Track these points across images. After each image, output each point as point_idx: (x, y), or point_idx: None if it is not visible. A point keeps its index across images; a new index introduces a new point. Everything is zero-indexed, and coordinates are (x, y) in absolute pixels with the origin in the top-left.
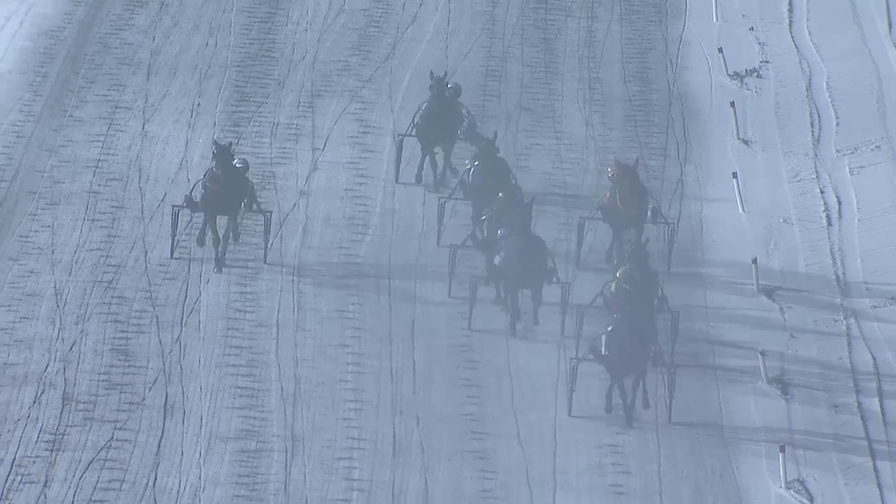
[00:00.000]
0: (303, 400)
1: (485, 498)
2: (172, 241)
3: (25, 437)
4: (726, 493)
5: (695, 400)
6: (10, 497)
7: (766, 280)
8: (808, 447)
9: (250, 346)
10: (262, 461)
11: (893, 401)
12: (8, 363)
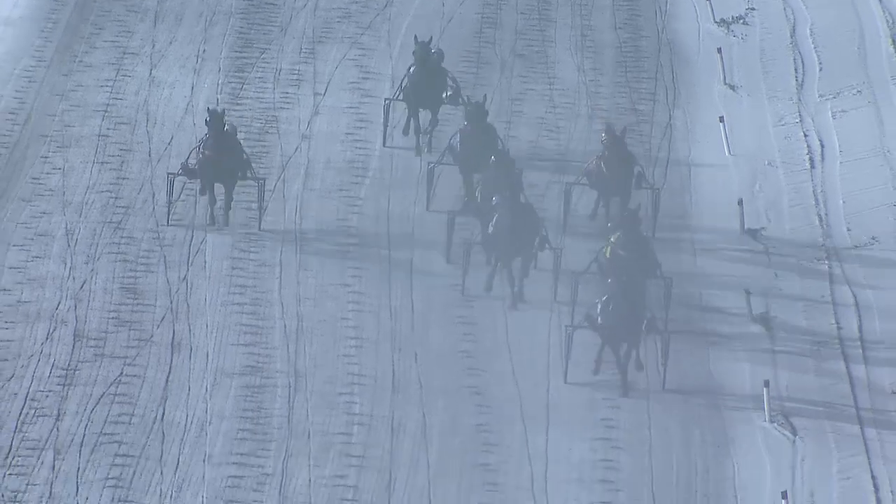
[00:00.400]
0: (305, 337)
1: (480, 432)
2: (168, 208)
3: (38, 373)
4: (712, 428)
5: (681, 335)
6: (24, 429)
7: (751, 221)
8: (792, 383)
9: (254, 286)
10: (265, 396)
11: (874, 336)
12: (21, 301)
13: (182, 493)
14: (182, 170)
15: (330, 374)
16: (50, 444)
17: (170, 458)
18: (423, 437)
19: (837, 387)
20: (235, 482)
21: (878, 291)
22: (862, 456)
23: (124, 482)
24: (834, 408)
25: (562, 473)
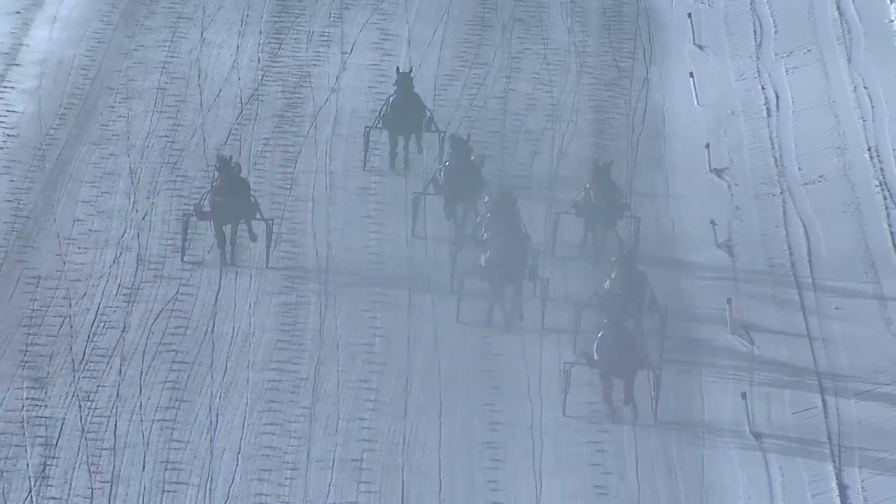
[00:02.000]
0: (334, 262)
1: (485, 343)
2: (182, 246)
3: (107, 291)
4: (677, 338)
5: (653, 250)
6: (94, 340)
7: (716, 161)
8: (752, 296)
9: (290, 217)
10: (300, 312)
11: (820, 259)
12: (92, 230)
13: (229, 395)
14: (195, 212)
15: (355, 293)
16: (117, 353)
17: (219, 364)
18: (436, 348)
19: (791, 311)
20: (274, 385)
21: (825, 222)
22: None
23: (180, 385)
24: (789, 334)
25: None
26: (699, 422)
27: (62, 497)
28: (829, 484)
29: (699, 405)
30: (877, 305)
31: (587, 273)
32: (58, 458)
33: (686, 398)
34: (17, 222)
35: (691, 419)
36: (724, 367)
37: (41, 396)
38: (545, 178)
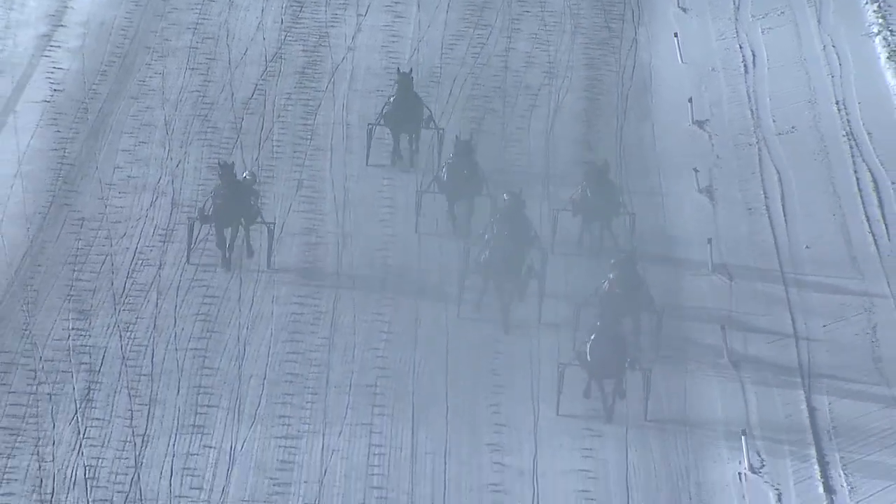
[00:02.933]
0: (350, 206)
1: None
2: (188, 248)
3: (144, 232)
4: (660, 279)
5: (640, 195)
6: (133, 276)
7: (698, 115)
8: (729, 239)
9: (311, 165)
10: (319, 251)
11: (793, 201)
12: (131, 176)
13: (256, 326)
14: (198, 216)
15: (369, 234)
16: (153, 288)
17: (246, 298)
18: (442, 284)
19: (765, 243)
20: (297, 318)
21: (797, 169)
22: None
23: (211, 317)
24: (764, 270)
25: None
26: (683, 357)
27: (105, 418)
28: (799, 406)
29: (681, 341)
30: (843, 244)
31: (586, 269)
32: (100, 382)
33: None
34: (63, 169)
35: (676, 356)
36: (706, 307)
37: (85, 327)
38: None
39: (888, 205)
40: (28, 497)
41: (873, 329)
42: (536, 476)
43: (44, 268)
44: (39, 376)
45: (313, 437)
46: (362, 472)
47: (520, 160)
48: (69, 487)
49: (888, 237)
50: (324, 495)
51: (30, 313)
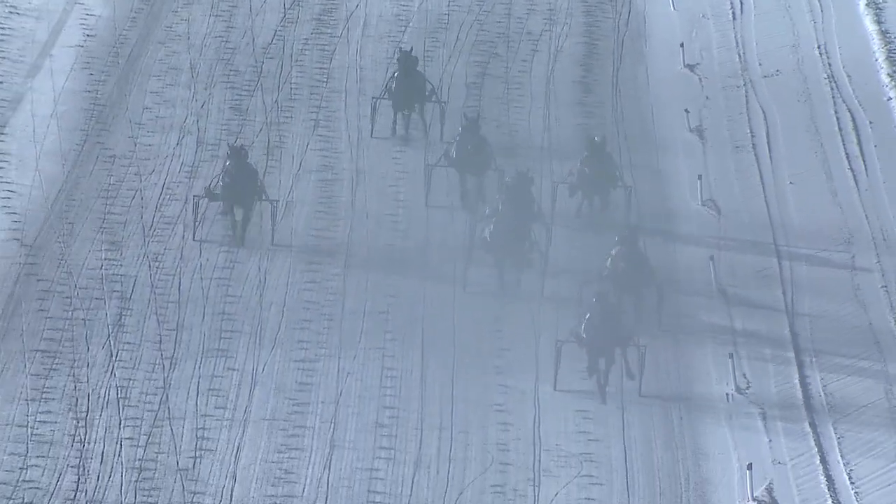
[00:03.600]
0: (364, 145)
1: None
2: (193, 225)
3: (171, 168)
4: (653, 212)
5: (634, 132)
6: (161, 210)
7: (689, 59)
8: (719, 173)
9: (327, 107)
10: (335, 187)
11: (776, 138)
12: (158, 116)
13: (275, 257)
14: (206, 193)
15: (382, 170)
16: (180, 221)
17: (265, 230)
18: (452, 216)
19: (751, 179)
20: (314, 249)
21: (781, 109)
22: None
23: (234, 248)
24: (750, 201)
25: None
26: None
27: (135, 342)
28: (783, 330)
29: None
30: (824, 175)
31: (584, 239)
32: (131, 309)
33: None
34: (95, 109)
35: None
36: (694, 236)
37: (117, 257)
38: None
39: (866, 142)
40: (65, 415)
41: (852, 258)
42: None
43: (78, 202)
44: (74, 303)
45: (329, 360)
46: (375, 392)
47: (522, 101)
48: (102, 406)
49: (866, 173)
50: (339, 414)
51: (65, 244)
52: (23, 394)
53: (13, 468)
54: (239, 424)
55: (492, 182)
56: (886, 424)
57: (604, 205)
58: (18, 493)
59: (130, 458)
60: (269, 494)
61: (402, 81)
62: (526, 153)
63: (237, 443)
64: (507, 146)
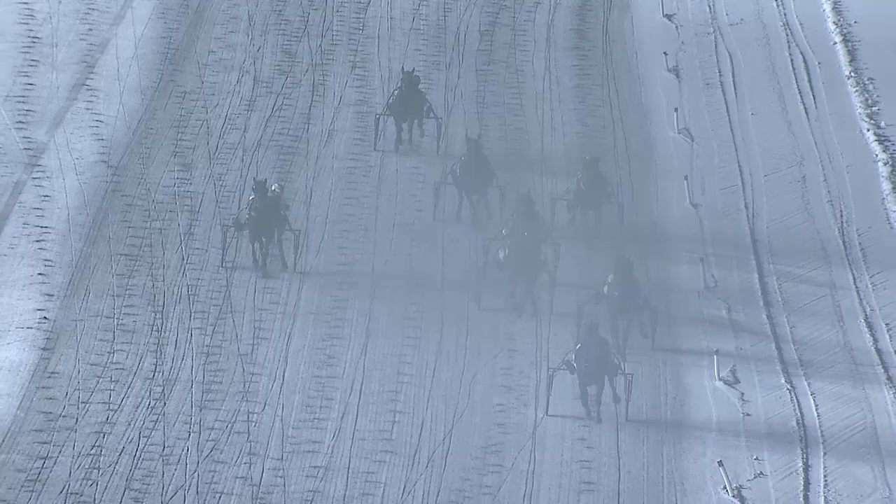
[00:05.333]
0: (394, 80)
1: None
2: (223, 253)
3: (232, 102)
4: (635, 140)
5: (620, 69)
6: (224, 137)
7: (667, 9)
8: (692, 106)
9: (363, 50)
10: (369, 119)
11: (740, 77)
12: (221, 58)
13: (319, 178)
14: (234, 224)
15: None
16: (240, 146)
17: (311, 155)
18: (465, 123)
19: (719, 111)
20: (351, 170)
21: (744, 52)
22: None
23: (285, 169)
24: (718, 129)
25: None
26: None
27: (203, 248)
28: (745, 238)
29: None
30: (780, 108)
31: (578, 249)
32: (199, 220)
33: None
34: (169, 52)
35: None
36: (671, 160)
37: (187, 177)
38: None
39: (815, 81)
40: (144, 308)
41: (803, 177)
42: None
43: (154, 130)
44: (152, 215)
45: (364, 263)
46: (403, 290)
47: (527, 46)
48: (176, 301)
49: (815, 106)
50: (373, 308)
51: (144, 166)
52: (109, 290)
53: (102, 352)
54: (290, 317)
55: (493, 198)
56: (830, 317)
57: (598, 219)
58: (107, 373)
59: (199, 344)
60: (315, 375)
61: (402, 98)
62: (530, 91)
63: (288, 332)
64: (514, 85)
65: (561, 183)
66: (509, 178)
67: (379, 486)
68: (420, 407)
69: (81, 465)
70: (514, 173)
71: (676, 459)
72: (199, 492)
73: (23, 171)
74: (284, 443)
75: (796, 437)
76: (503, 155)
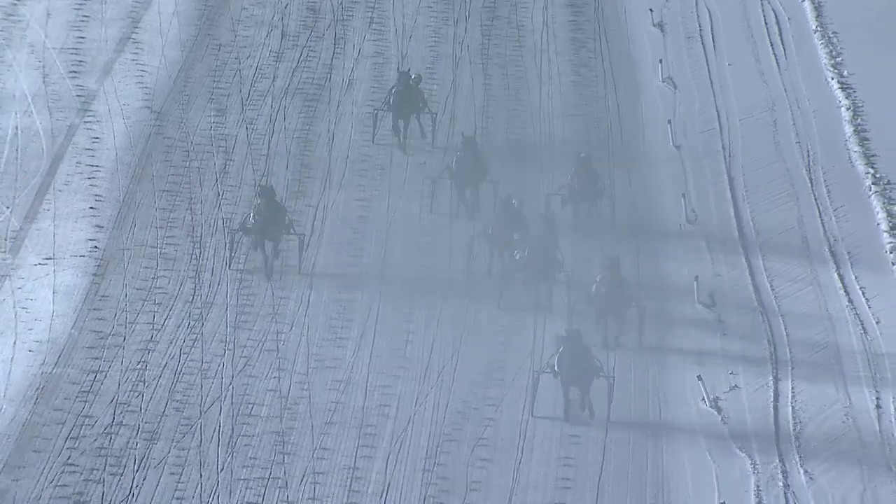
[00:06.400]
0: (406, 33)
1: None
2: (230, 256)
3: (262, 55)
4: (624, 88)
5: (611, 25)
6: (255, 85)
7: None
8: (676, 57)
9: (379, 7)
10: (385, 68)
11: (718, 30)
12: (252, 14)
13: (340, 122)
14: (240, 228)
15: (421, 51)
16: (269, 93)
17: (333, 101)
18: (473, 92)
19: (699, 63)
20: (369, 115)
21: (722, 6)
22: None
23: (310, 114)
24: (697, 75)
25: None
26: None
27: (236, 185)
28: (722, 176)
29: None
30: (754, 59)
31: (573, 241)
32: (233, 160)
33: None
34: (206, 9)
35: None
36: (655, 104)
37: (222, 121)
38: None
39: (785, 35)
40: (184, 239)
41: (774, 122)
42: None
43: (193, 79)
44: (191, 155)
45: (381, 200)
46: (416, 223)
47: (527, 3)
48: (212, 233)
49: (785, 57)
50: (388, 240)
51: (184, 111)
52: (153, 223)
53: (147, 278)
54: (314, 246)
55: (486, 192)
56: (798, 245)
57: (591, 213)
58: (151, 297)
59: (233, 271)
60: (337, 299)
61: (400, 96)
62: (529, 45)
63: (313, 259)
64: (515, 39)
65: (557, 148)
66: (511, 131)
67: (394, 398)
68: (431, 329)
69: (129, 379)
70: (515, 127)
71: (660, 376)
72: (234, 403)
73: (75, 116)
74: (310, 359)
75: (767, 355)
76: (504, 104)
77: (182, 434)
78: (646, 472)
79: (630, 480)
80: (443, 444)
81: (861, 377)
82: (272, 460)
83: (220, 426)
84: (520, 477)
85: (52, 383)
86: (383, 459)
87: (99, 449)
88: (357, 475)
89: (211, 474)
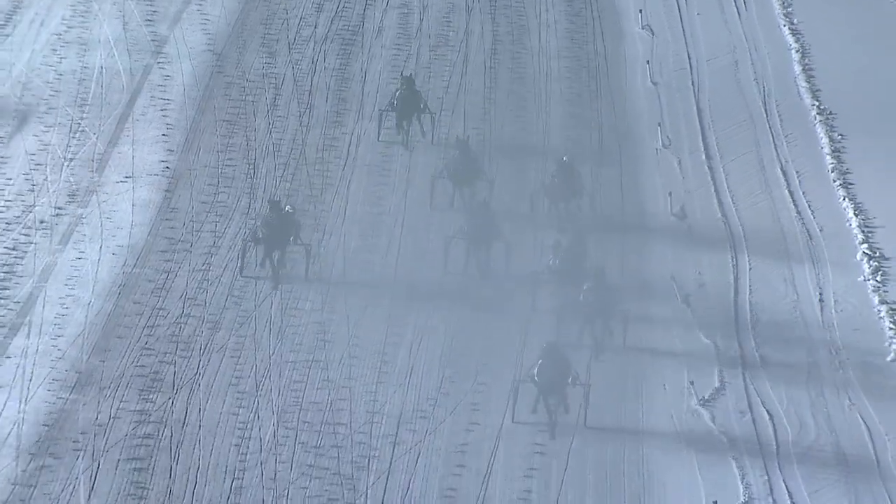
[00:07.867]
0: (426, 8)
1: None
2: (242, 263)
3: (306, 5)
4: (610, 38)
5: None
6: (300, 32)
7: None
8: (653, 11)
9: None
10: (409, 18)
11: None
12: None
13: (371, 63)
14: (251, 238)
15: (438, 19)
16: (312, 39)
17: (365, 45)
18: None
19: (674, 17)
20: (395, 56)
21: None
22: None
23: (346, 54)
24: (674, 28)
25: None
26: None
27: (283, 116)
28: (692, 108)
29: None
30: (719, 11)
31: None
32: (281, 95)
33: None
34: None
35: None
36: (635, 46)
37: (272, 62)
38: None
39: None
40: (241, 161)
41: (735, 63)
42: None
43: (248, 26)
44: (246, 91)
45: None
46: (438, 147)
47: None
48: (263, 157)
49: (745, 7)
50: (412, 162)
51: (240, 53)
52: (214, 147)
53: (210, 194)
54: (349, 167)
55: (480, 190)
56: (755, 165)
57: (569, 210)
58: (213, 209)
59: (282, 188)
60: (369, 212)
61: (403, 98)
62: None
63: (349, 179)
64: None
65: (553, 83)
66: (515, 70)
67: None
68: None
69: (195, 278)
70: (518, 66)
71: (639, 271)
72: (282, 298)
73: (150, 57)
74: (346, 262)
75: (728, 245)
76: (509, 48)
77: (239, 324)
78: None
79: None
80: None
81: (807, 278)
82: (315, 346)
83: (271, 318)
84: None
85: (132, 281)
86: (408, 347)
87: (171, 336)
88: (385, 359)
89: (263, 357)
